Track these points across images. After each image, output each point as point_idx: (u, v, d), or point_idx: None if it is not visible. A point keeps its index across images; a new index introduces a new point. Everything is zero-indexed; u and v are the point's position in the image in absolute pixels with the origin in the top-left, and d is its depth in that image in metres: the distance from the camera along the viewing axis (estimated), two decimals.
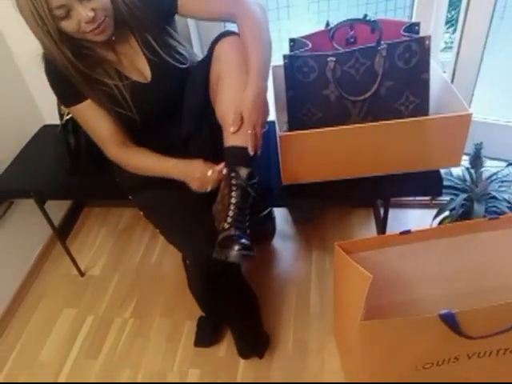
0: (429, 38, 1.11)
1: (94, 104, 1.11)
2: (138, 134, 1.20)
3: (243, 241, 1.01)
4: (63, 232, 1.74)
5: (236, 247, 1.00)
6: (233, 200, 1.04)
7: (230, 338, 1.42)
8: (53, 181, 1.48)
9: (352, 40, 1.20)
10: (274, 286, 1.58)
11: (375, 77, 1.14)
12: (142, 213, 1.29)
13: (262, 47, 1.06)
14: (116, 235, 1.88)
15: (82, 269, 1.74)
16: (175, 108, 1.19)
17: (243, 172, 1.05)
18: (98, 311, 1.60)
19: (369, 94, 1.15)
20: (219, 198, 1.08)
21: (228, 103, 1.06)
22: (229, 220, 1.03)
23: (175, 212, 1.20)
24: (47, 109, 1.75)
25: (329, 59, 1.12)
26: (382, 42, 1.11)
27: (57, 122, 1.39)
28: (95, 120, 1.14)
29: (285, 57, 1.13)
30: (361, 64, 1.13)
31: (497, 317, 0.98)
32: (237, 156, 1.07)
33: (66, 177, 1.43)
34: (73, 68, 1.04)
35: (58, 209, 1.85)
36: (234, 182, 1.05)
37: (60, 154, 1.41)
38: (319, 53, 1.13)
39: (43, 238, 1.81)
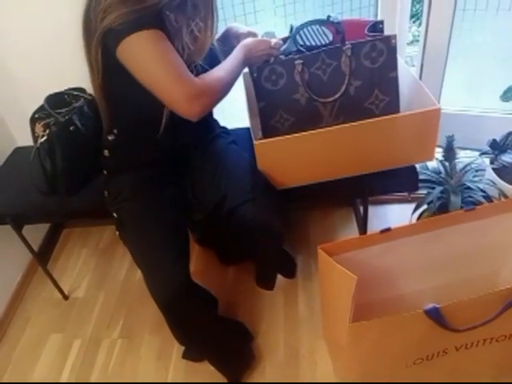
0: (394, 37, 1.13)
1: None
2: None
3: None
4: (43, 256, 1.70)
5: None
6: None
7: None
8: (29, 205, 1.45)
9: None
10: (262, 294, 1.57)
11: (343, 77, 1.15)
12: (118, 233, 1.26)
13: None
14: (98, 254, 1.84)
15: (66, 292, 1.70)
16: None
17: None
18: (85, 334, 1.57)
19: (338, 94, 1.17)
20: None
21: None
22: None
23: (146, 236, 1.17)
24: (19, 130, 1.71)
25: (296, 62, 1.13)
26: (347, 42, 1.12)
27: (29, 143, 1.36)
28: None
29: (252, 71, 1.13)
30: (327, 65, 1.14)
31: (480, 308, 0.99)
32: None
33: (43, 200, 1.40)
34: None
35: (36, 232, 1.81)
36: None
37: (35, 178, 1.38)
38: (285, 58, 1.14)
39: (23, 263, 1.77)
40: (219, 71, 1.06)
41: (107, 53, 0.99)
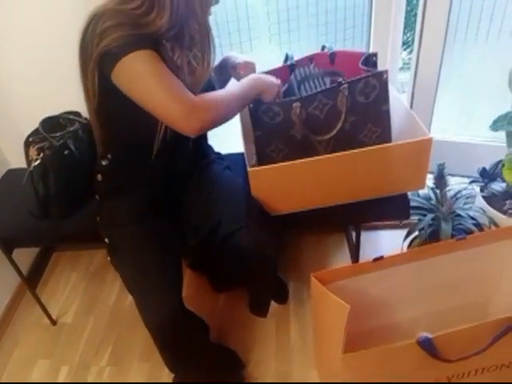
0: (386, 72, 1.15)
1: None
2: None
3: None
4: (32, 279, 1.68)
5: None
6: None
7: None
8: (21, 228, 1.43)
9: None
10: (253, 321, 1.55)
11: (339, 115, 1.17)
12: (109, 259, 1.25)
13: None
14: (88, 278, 1.82)
15: (54, 317, 1.67)
16: None
17: None
18: (73, 360, 1.53)
19: (334, 131, 1.18)
20: None
21: None
22: None
23: (140, 260, 1.17)
24: (12, 152, 1.71)
25: (294, 105, 1.14)
26: (343, 81, 1.13)
27: (22, 165, 1.36)
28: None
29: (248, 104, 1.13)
30: (324, 104, 1.16)
31: (472, 337, 0.99)
32: None
33: (35, 223, 1.39)
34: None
35: (26, 254, 1.79)
36: None
37: (27, 201, 1.37)
38: (283, 100, 1.16)
39: (12, 285, 1.74)
40: (222, 91, 1.08)
41: (103, 77, 1.00)
